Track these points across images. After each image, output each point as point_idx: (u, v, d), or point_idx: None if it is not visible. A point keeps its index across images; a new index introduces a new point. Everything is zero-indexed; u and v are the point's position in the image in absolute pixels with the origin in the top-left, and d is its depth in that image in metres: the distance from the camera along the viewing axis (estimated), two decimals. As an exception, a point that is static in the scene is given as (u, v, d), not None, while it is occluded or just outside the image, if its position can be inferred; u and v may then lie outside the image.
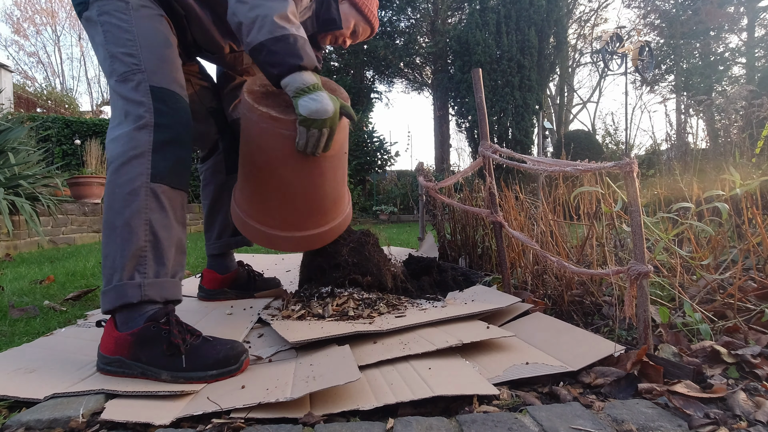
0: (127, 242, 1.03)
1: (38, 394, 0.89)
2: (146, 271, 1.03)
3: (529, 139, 10.05)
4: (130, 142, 1.06)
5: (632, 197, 0.99)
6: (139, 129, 1.07)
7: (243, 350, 1.02)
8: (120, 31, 1.12)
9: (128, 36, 1.12)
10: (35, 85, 17.53)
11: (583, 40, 18.63)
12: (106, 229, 1.06)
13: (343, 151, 1.39)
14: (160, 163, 1.07)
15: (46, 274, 2.37)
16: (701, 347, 1.03)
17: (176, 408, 0.85)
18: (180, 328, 1.00)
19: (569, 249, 1.63)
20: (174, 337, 0.97)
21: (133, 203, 1.04)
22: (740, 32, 12.87)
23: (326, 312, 1.35)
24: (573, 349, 1.05)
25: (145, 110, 1.08)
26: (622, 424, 0.76)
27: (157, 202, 1.06)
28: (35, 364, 1.05)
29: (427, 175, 2.43)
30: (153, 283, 1.03)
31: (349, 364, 0.94)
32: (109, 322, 1.03)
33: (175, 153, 1.10)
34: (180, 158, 1.12)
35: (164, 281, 1.06)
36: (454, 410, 0.85)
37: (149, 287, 1.02)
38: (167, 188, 1.08)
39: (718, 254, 1.46)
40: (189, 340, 0.99)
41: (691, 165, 2.53)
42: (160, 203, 1.07)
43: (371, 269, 1.52)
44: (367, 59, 11.43)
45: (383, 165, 10.40)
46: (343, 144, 1.35)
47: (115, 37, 1.12)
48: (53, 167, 4.60)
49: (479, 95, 1.65)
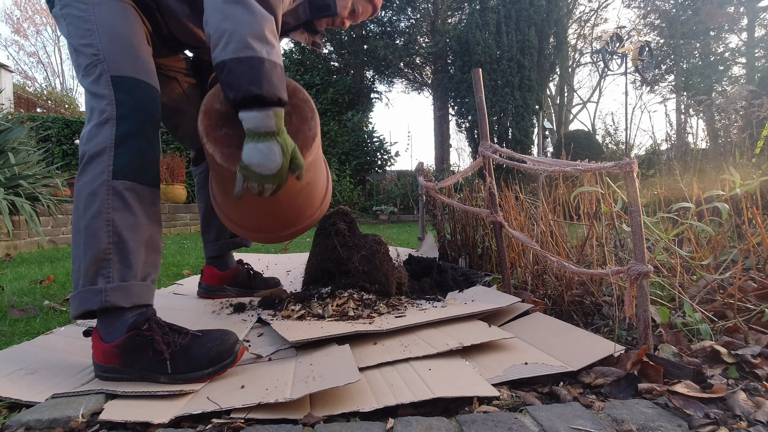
0: (89, 246, 0.97)
1: (39, 397, 0.89)
2: (110, 275, 0.97)
3: (529, 139, 10.05)
4: (93, 139, 1.00)
5: (632, 197, 0.99)
6: (102, 124, 1.00)
7: (234, 340, 0.98)
8: (80, 21, 1.05)
9: (87, 26, 1.05)
10: (35, 85, 17.54)
11: (583, 40, 18.64)
12: (73, 233, 1.01)
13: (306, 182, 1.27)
14: (122, 158, 1.00)
15: (46, 274, 2.37)
16: (701, 347, 1.03)
17: (175, 407, 0.85)
18: (164, 332, 0.96)
19: (569, 249, 1.63)
20: (157, 344, 0.93)
21: (94, 204, 0.98)
22: (740, 32, 12.87)
23: (326, 312, 1.35)
24: (573, 349, 1.05)
25: (107, 103, 1.01)
26: (622, 424, 0.76)
27: (120, 200, 0.99)
28: (36, 365, 1.05)
29: (427, 175, 2.43)
30: (117, 287, 0.97)
31: (349, 364, 0.94)
32: (95, 332, 0.99)
33: (138, 146, 1.02)
34: (144, 151, 1.04)
35: (131, 284, 0.99)
36: (454, 410, 0.85)
37: (112, 292, 0.96)
38: (133, 184, 1.01)
39: (718, 254, 1.46)
40: (177, 341, 0.96)
41: (691, 165, 2.53)
42: (124, 201, 1.00)
43: (380, 278, 1.52)
44: (367, 59, 11.43)
45: (383, 165, 10.40)
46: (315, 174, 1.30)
47: (76, 29, 1.06)
48: (53, 167, 4.60)
49: (479, 95, 1.65)
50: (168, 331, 0.97)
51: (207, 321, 1.43)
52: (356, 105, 10.86)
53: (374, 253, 1.56)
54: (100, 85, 1.02)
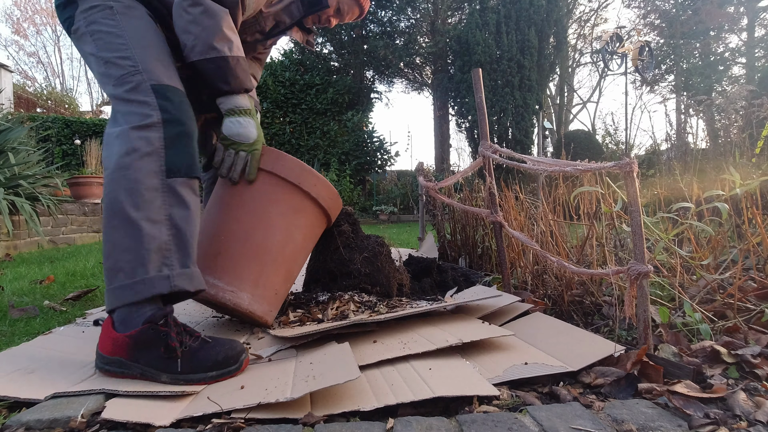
0: (151, 237, 1.02)
1: (38, 395, 0.89)
2: (172, 263, 1.04)
3: (529, 139, 10.05)
4: (139, 140, 1.05)
5: (632, 197, 0.99)
6: (147, 127, 1.06)
7: (242, 350, 1.02)
8: (111, 36, 1.13)
9: (120, 40, 1.12)
10: (35, 85, 17.54)
11: (583, 40, 18.64)
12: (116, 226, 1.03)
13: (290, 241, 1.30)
14: (174, 158, 1.07)
15: (46, 274, 2.37)
16: (701, 347, 1.03)
17: (177, 408, 0.85)
18: (178, 329, 0.99)
19: (569, 249, 1.63)
20: (172, 340, 0.96)
21: (155, 200, 1.04)
22: (740, 32, 12.87)
23: (326, 316, 1.35)
24: (573, 349, 1.05)
25: (150, 109, 1.08)
26: (622, 424, 0.76)
27: (175, 197, 1.07)
28: (35, 364, 1.05)
29: (427, 175, 2.43)
30: (182, 273, 1.04)
31: (348, 362, 0.94)
32: (107, 321, 1.02)
33: (187, 145, 1.11)
34: (191, 149, 1.13)
35: (193, 271, 1.07)
36: (454, 410, 0.85)
37: (178, 278, 1.03)
38: (184, 179, 1.09)
39: (718, 254, 1.46)
40: (187, 342, 0.98)
41: (691, 165, 2.53)
42: (179, 198, 1.07)
43: (381, 280, 1.53)
44: (367, 59, 11.42)
45: (383, 165, 10.40)
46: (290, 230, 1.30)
47: (107, 44, 1.13)
48: (53, 167, 4.60)
49: (479, 95, 1.65)
50: (182, 331, 1.00)
51: (206, 325, 1.43)
52: (356, 105, 10.86)
53: (376, 255, 1.56)
54: (141, 93, 1.09)
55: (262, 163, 1.26)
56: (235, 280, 1.22)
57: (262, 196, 1.27)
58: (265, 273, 1.26)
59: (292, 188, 1.29)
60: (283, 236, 1.29)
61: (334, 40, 11.36)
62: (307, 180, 1.30)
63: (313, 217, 1.36)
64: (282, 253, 1.29)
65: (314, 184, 1.32)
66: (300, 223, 1.33)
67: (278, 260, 1.29)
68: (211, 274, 1.21)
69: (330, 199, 1.39)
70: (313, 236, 1.42)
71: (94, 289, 1.94)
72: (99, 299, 1.82)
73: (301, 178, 1.30)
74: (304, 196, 1.32)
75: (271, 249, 1.27)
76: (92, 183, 5.15)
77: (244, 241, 1.25)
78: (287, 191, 1.29)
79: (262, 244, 1.26)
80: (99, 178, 5.27)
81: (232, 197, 1.28)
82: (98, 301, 1.79)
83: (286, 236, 1.30)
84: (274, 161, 1.27)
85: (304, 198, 1.32)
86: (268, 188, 1.28)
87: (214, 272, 1.22)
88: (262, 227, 1.27)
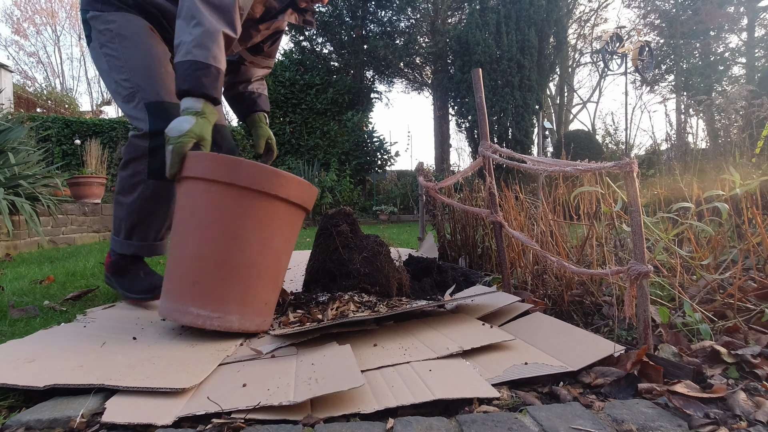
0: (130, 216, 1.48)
1: (38, 383, 0.89)
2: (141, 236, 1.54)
3: (529, 139, 10.05)
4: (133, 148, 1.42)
5: (632, 197, 0.99)
6: (139, 138, 1.40)
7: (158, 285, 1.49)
8: (114, 59, 1.41)
9: (120, 63, 1.40)
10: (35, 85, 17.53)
11: (583, 40, 18.64)
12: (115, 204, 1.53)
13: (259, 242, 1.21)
14: (153, 164, 1.41)
15: (46, 274, 2.37)
16: (701, 347, 1.03)
17: (177, 406, 0.85)
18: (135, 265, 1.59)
19: (569, 249, 1.63)
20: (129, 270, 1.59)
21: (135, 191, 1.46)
22: (740, 32, 12.86)
23: (326, 317, 1.35)
24: (573, 349, 1.05)
25: (143, 123, 1.38)
26: (622, 424, 0.76)
27: (151, 191, 1.45)
28: (35, 354, 1.05)
29: (427, 175, 2.43)
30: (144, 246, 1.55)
31: (351, 368, 0.94)
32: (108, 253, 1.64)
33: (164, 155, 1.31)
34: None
35: (153, 244, 1.57)
36: (454, 410, 0.85)
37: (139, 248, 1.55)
38: (160, 182, 1.43)
39: (718, 254, 1.46)
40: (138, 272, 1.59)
41: (691, 165, 2.53)
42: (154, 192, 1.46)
43: (381, 280, 1.53)
44: (367, 59, 11.42)
45: (383, 165, 10.40)
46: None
47: (112, 66, 1.42)
48: (53, 167, 4.60)
49: (479, 95, 1.65)
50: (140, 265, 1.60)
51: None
52: (356, 105, 10.85)
53: (376, 255, 1.56)
54: (138, 110, 1.39)
55: (219, 175, 1.17)
56: (220, 305, 1.18)
57: (228, 211, 1.18)
58: (251, 289, 1.21)
59: (259, 195, 1.19)
60: (261, 247, 1.22)
61: (334, 40, 11.36)
62: (272, 183, 1.20)
63: (288, 217, 1.28)
64: (264, 265, 1.23)
65: (281, 185, 1.21)
66: (276, 229, 1.24)
67: (261, 273, 1.23)
68: (194, 304, 1.17)
69: (302, 193, 1.29)
70: (293, 232, 1.34)
71: (94, 289, 1.94)
72: (99, 299, 1.82)
73: (265, 183, 1.19)
74: (274, 200, 1.22)
75: (251, 264, 1.20)
76: (92, 183, 5.15)
77: (220, 264, 1.18)
78: (254, 200, 1.19)
79: (241, 262, 1.19)
80: (99, 178, 5.27)
81: (196, 217, 1.21)
82: (98, 301, 1.79)
83: (265, 246, 1.23)
84: (231, 171, 1.17)
85: (274, 202, 1.22)
86: (232, 201, 1.18)
87: (196, 301, 1.17)
88: (237, 244, 1.19)
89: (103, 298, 1.82)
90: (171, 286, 1.23)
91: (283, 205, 1.24)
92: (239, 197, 1.18)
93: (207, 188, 1.19)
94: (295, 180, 1.26)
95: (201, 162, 1.20)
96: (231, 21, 1.31)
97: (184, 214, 1.23)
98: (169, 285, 1.24)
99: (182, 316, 1.18)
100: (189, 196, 1.23)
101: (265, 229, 1.22)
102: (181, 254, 1.22)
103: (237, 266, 1.19)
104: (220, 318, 1.17)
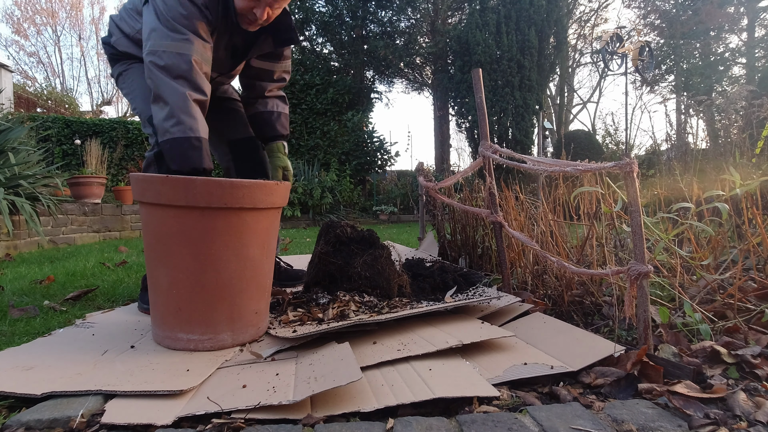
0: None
1: (35, 390, 0.89)
2: None
3: (529, 139, 10.05)
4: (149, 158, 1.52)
5: (632, 197, 0.99)
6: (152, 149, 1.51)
7: None
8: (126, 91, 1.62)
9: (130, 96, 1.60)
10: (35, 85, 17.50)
11: (583, 40, 18.63)
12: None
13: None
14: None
15: (46, 274, 2.37)
16: (701, 347, 1.03)
17: (176, 407, 0.85)
18: None
19: (569, 249, 1.63)
20: None
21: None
22: (740, 32, 12.86)
23: (326, 316, 1.35)
24: (573, 349, 1.05)
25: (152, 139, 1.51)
26: (622, 424, 0.76)
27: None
28: (33, 361, 1.05)
29: (427, 175, 2.43)
30: None
31: (350, 363, 0.94)
32: None
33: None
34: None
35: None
36: (454, 410, 0.85)
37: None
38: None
39: (718, 254, 1.46)
40: None
41: (691, 165, 2.53)
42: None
43: (381, 283, 1.53)
44: (367, 59, 11.42)
45: (383, 165, 10.39)
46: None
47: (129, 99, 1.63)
48: (53, 167, 4.60)
49: (479, 95, 1.65)
50: None
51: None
52: (356, 105, 10.85)
53: (376, 258, 1.56)
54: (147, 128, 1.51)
55: (173, 199, 1.11)
56: (208, 328, 1.15)
57: (193, 235, 1.12)
58: (237, 305, 1.18)
59: (221, 212, 1.13)
60: (237, 263, 1.17)
61: (334, 40, 11.36)
62: (232, 197, 1.13)
63: (259, 223, 1.21)
64: (244, 278, 1.19)
65: (242, 196, 1.14)
66: (249, 239, 1.18)
67: (243, 287, 1.19)
68: (181, 330, 1.15)
69: (269, 196, 1.22)
70: (270, 233, 1.28)
71: (94, 289, 1.94)
72: (99, 299, 1.82)
73: (224, 198, 1.12)
74: (239, 212, 1.15)
75: (230, 282, 1.16)
76: (92, 183, 5.15)
77: (198, 289, 1.14)
78: (218, 218, 1.13)
79: (219, 282, 1.15)
80: (99, 178, 5.27)
81: (162, 243, 1.15)
82: (98, 301, 1.79)
83: (241, 260, 1.17)
84: (186, 193, 1.10)
85: (239, 214, 1.15)
86: (195, 223, 1.12)
87: (183, 327, 1.15)
88: (211, 266, 1.14)
89: (102, 298, 1.83)
90: (157, 313, 1.21)
91: (251, 214, 1.18)
92: (201, 218, 1.12)
93: (165, 213, 1.13)
94: (257, 186, 1.18)
95: (152, 186, 1.13)
96: (195, 85, 1.33)
97: (150, 239, 1.18)
98: (155, 312, 1.21)
99: (174, 343, 1.16)
100: (150, 222, 1.17)
101: (237, 243, 1.16)
102: (157, 283, 1.18)
103: (216, 288, 1.15)
104: (211, 339, 1.16)
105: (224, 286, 1.16)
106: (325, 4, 10.75)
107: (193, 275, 1.14)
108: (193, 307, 1.15)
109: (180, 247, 1.13)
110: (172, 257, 1.15)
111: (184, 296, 1.15)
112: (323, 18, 10.78)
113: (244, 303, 1.20)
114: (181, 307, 1.15)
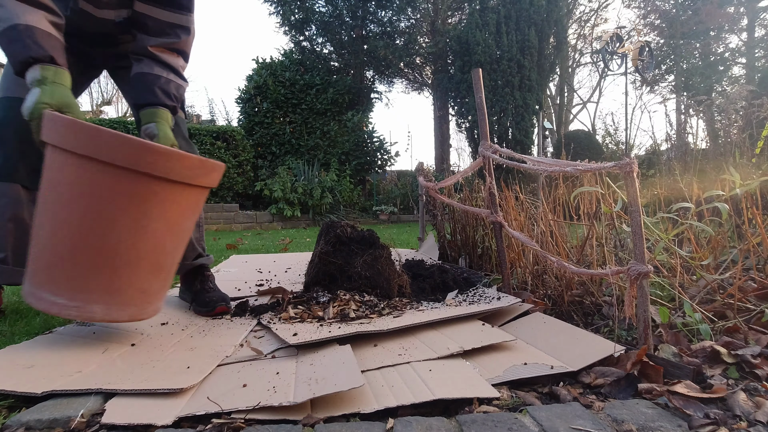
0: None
1: (36, 389, 0.89)
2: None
3: (529, 139, 10.05)
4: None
5: (632, 197, 0.99)
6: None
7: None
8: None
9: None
10: (35, 85, 17.47)
11: (583, 40, 18.62)
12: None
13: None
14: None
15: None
16: (701, 347, 1.03)
17: (177, 406, 0.85)
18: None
19: (569, 249, 1.63)
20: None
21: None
22: (740, 32, 12.86)
23: (326, 315, 1.35)
24: (573, 349, 1.05)
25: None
26: (622, 424, 0.76)
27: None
28: (33, 360, 1.05)
29: (427, 175, 2.43)
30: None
31: (351, 368, 0.94)
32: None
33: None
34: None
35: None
36: (454, 410, 0.85)
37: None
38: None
39: (718, 254, 1.46)
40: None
41: (691, 165, 2.53)
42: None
43: (381, 283, 1.53)
44: (367, 59, 11.42)
45: (383, 165, 10.39)
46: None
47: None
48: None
49: (479, 95, 1.65)
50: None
51: (206, 324, 1.43)
52: (356, 105, 10.85)
53: (377, 258, 1.56)
54: None
55: (75, 145, 1.01)
56: (78, 293, 1.06)
57: (89, 190, 1.02)
58: (120, 277, 1.08)
59: (126, 173, 1.02)
60: (132, 232, 1.06)
61: (334, 40, 11.36)
62: (142, 160, 1.02)
63: (172, 197, 1.10)
64: (136, 250, 1.08)
65: (155, 162, 1.03)
66: (154, 211, 1.07)
67: (133, 259, 1.08)
68: (49, 290, 1.06)
69: (189, 170, 1.10)
70: (184, 214, 1.17)
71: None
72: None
73: (132, 159, 1.01)
74: (148, 179, 1.04)
75: (119, 250, 1.06)
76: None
77: (79, 249, 1.04)
78: (120, 178, 1.02)
79: (104, 247, 1.05)
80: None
81: (55, 191, 1.05)
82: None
83: (138, 230, 1.07)
84: (90, 142, 1.00)
85: (148, 181, 1.04)
86: (93, 178, 1.02)
87: (50, 287, 1.06)
88: (99, 228, 1.04)
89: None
90: (30, 266, 1.11)
91: (162, 184, 1.06)
92: (101, 173, 1.01)
93: (65, 160, 1.03)
94: (176, 155, 1.07)
95: (56, 127, 1.04)
96: None
97: (44, 186, 1.08)
98: (29, 264, 1.11)
99: (37, 302, 1.07)
100: (49, 166, 1.07)
101: (137, 212, 1.05)
102: (38, 233, 1.08)
103: (100, 252, 1.05)
104: (78, 308, 1.06)
105: (109, 252, 1.05)
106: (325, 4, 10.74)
107: (77, 233, 1.03)
108: (67, 267, 1.05)
109: (71, 199, 1.04)
110: (60, 208, 1.04)
111: (60, 253, 1.05)
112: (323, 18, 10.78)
113: (129, 277, 1.09)
114: (54, 264, 1.05)
